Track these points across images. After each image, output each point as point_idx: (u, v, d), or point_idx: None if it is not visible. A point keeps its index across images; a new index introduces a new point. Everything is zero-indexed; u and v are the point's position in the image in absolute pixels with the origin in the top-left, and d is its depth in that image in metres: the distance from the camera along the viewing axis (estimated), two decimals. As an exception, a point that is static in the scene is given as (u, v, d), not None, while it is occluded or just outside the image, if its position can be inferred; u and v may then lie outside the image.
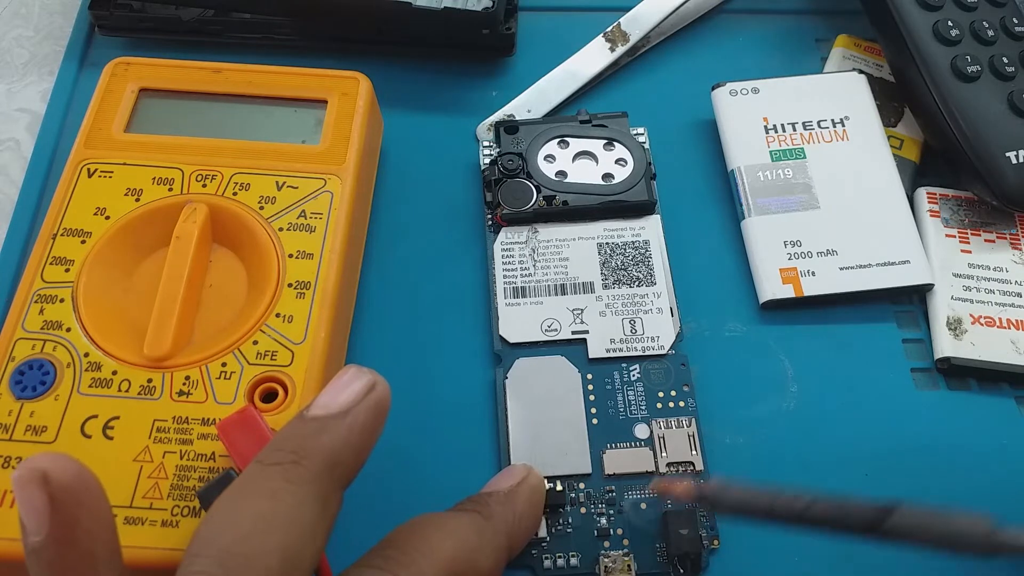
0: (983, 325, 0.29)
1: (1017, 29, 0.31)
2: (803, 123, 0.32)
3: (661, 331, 0.28)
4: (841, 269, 0.29)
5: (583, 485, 0.25)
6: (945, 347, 0.28)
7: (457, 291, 0.29)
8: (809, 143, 0.32)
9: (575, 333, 0.28)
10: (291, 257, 0.26)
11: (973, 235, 0.30)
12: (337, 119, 0.29)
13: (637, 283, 0.29)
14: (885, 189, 0.31)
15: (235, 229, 0.26)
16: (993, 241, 0.30)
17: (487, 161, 0.31)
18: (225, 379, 0.24)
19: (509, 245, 0.30)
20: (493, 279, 0.29)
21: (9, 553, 0.21)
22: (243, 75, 0.29)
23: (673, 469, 0.26)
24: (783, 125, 0.32)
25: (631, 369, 0.27)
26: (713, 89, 0.33)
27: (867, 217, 0.30)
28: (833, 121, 0.32)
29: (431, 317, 0.29)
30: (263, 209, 0.27)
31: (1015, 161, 0.29)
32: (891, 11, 0.31)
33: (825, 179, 0.31)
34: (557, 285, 0.29)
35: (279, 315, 0.25)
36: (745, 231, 0.30)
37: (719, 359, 0.28)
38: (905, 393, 0.28)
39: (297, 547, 0.17)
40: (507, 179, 0.30)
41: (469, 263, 0.30)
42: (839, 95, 0.33)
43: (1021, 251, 0.30)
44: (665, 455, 0.26)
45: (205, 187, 0.27)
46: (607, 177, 0.30)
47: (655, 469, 0.26)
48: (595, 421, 0.26)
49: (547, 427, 0.26)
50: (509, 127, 0.31)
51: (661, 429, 0.26)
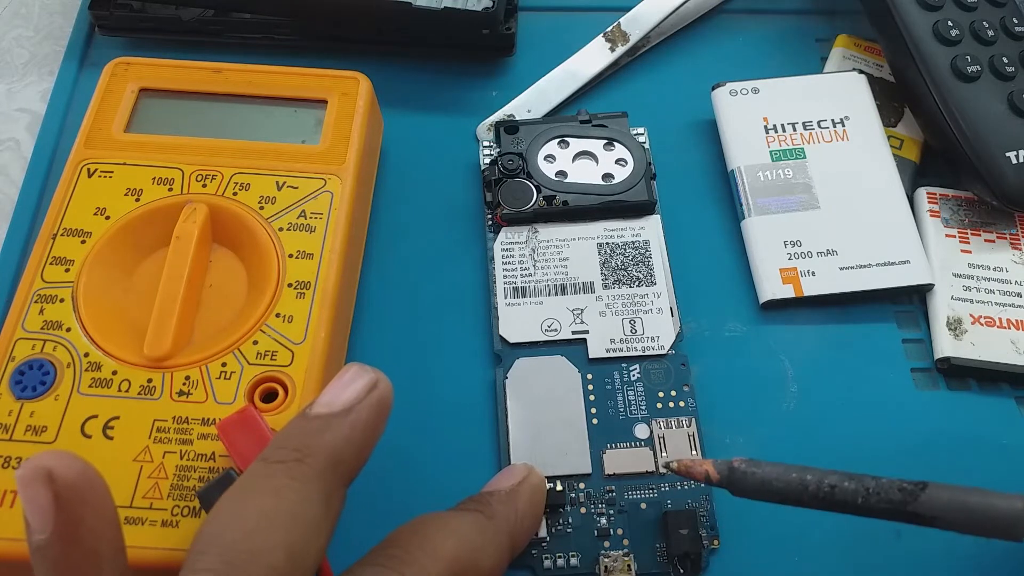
0: (983, 325, 0.29)
1: (1017, 29, 0.31)
2: (803, 123, 0.32)
3: (661, 331, 0.28)
4: (841, 269, 0.29)
5: (583, 485, 0.25)
6: (945, 347, 0.28)
7: (457, 291, 0.29)
8: (809, 143, 0.32)
9: (575, 333, 0.28)
10: (291, 257, 0.26)
11: (973, 235, 0.30)
12: (337, 119, 0.29)
13: (637, 283, 0.29)
14: (885, 189, 0.31)
15: (235, 229, 0.26)
16: (993, 241, 0.30)
17: (487, 161, 0.31)
18: (225, 379, 0.24)
19: (509, 245, 0.30)
20: (493, 279, 0.29)
21: (10, 553, 0.21)
22: (243, 75, 0.29)
23: (670, 459, 0.25)
24: (783, 125, 0.32)
25: (631, 369, 0.27)
26: (713, 89, 0.33)
27: (867, 217, 0.30)
28: (833, 121, 0.32)
29: (431, 317, 0.29)
30: (263, 209, 0.27)
31: (1015, 161, 0.29)
32: (891, 11, 0.31)
33: (825, 179, 0.31)
34: (557, 285, 0.29)
35: (279, 315, 0.25)
36: (745, 231, 0.30)
37: (719, 359, 0.28)
38: (905, 393, 0.28)
39: (301, 544, 0.17)
40: (507, 179, 0.30)
41: (469, 263, 0.30)
42: (839, 95, 0.33)
43: (1021, 251, 0.30)
44: (665, 455, 0.26)
45: (205, 187, 0.27)
46: (607, 177, 0.30)
47: (655, 469, 0.26)
48: (595, 421, 0.26)
49: (547, 427, 0.26)
50: (509, 127, 0.31)
51: (661, 429, 0.26)
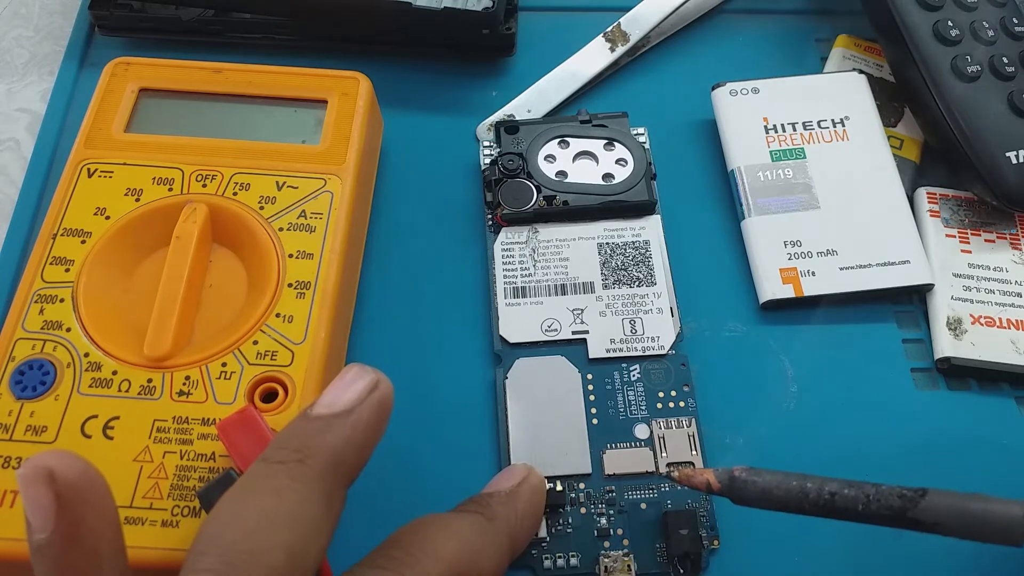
0: (983, 325, 0.29)
1: (1017, 29, 0.31)
2: (803, 123, 0.32)
3: (661, 331, 0.28)
4: (841, 269, 0.29)
5: (583, 485, 0.25)
6: (945, 347, 0.28)
7: (457, 291, 0.29)
8: (809, 143, 0.32)
9: (575, 333, 0.28)
10: (291, 257, 0.26)
11: (973, 235, 0.30)
12: (337, 119, 0.29)
13: (637, 283, 0.29)
14: (885, 189, 0.31)
15: (235, 229, 0.26)
16: (993, 241, 0.30)
17: (487, 161, 0.31)
18: (225, 379, 0.24)
19: (509, 245, 0.30)
20: (493, 279, 0.29)
21: (10, 553, 0.21)
22: (243, 75, 0.29)
23: (671, 469, 0.26)
24: (783, 125, 0.32)
25: (631, 369, 0.27)
26: (713, 89, 0.33)
27: (867, 217, 0.30)
28: (833, 121, 0.32)
29: (431, 317, 0.29)
30: (263, 209, 0.27)
31: (1015, 161, 0.29)
32: (891, 11, 0.31)
33: (825, 179, 0.31)
34: (557, 285, 0.29)
35: (279, 315, 0.25)
36: (745, 231, 0.30)
37: (719, 359, 0.28)
38: (905, 393, 0.28)
39: (302, 544, 0.17)
40: (507, 179, 0.30)
41: (469, 263, 0.30)
42: (839, 95, 0.33)
43: (1021, 251, 0.30)
44: (665, 455, 0.26)
45: (205, 187, 0.27)
46: (607, 177, 0.30)
47: (655, 469, 0.26)
48: (595, 421, 0.26)
49: (547, 427, 0.26)
50: (509, 127, 0.31)
51: (661, 429, 0.26)
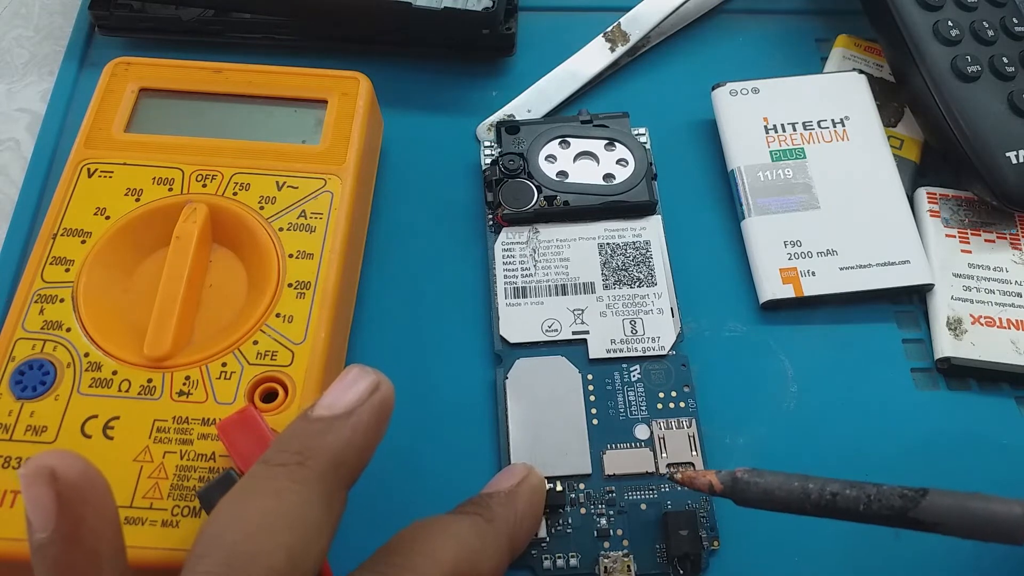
0: (983, 325, 0.29)
1: (1017, 29, 0.31)
2: (803, 123, 0.32)
3: (661, 331, 0.28)
4: (841, 269, 0.29)
5: (583, 485, 0.25)
6: (945, 347, 0.28)
7: (457, 291, 0.29)
8: (809, 143, 0.32)
9: (575, 333, 0.28)
10: (291, 257, 0.26)
11: (973, 235, 0.30)
12: (337, 119, 0.29)
13: (638, 283, 0.29)
14: (885, 189, 0.31)
15: (235, 229, 0.26)
16: (993, 241, 0.30)
17: (488, 161, 0.31)
18: (225, 379, 0.24)
19: (510, 245, 0.30)
20: (493, 279, 0.29)
21: (10, 553, 0.21)
22: (243, 75, 0.29)
23: (673, 470, 0.26)
24: (783, 125, 0.32)
25: (631, 369, 0.27)
26: (713, 89, 0.33)
27: (867, 217, 0.30)
28: (833, 121, 0.32)
29: (431, 317, 0.29)
30: (263, 209, 0.27)
31: (1015, 161, 0.29)
32: (891, 11, 0.31)
33: (825, 179, 0.31)
34: (558, 285, 0.29)
35: (279, 315, 0.25)
36: (745, 231, 0.30)
37: (719, 359, 0.28)
38: (905, 393, 0.28)
39: (302, 546, 0.17)
40: (508, 179, 0.30)
41: (469, 263, 0.30)
42: (839, 95, 0.33)
43: (1021, 251, 0.30)
44: (665, 456, 0.26)
45: (205, 187, 0.27)
46: (608, 177, 0.30)
47: (655, 470, 0.26)
48: (595, 421, 0.26)
49: (547, 427, 0.26)
50: (510, 127, 0.31)
51: (661, 430, 0.26)
